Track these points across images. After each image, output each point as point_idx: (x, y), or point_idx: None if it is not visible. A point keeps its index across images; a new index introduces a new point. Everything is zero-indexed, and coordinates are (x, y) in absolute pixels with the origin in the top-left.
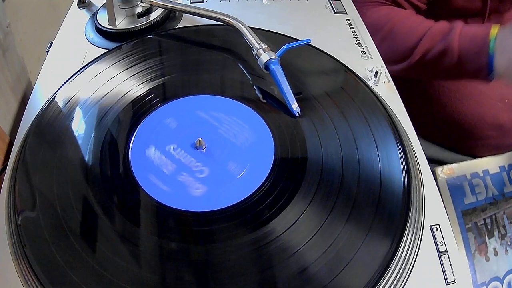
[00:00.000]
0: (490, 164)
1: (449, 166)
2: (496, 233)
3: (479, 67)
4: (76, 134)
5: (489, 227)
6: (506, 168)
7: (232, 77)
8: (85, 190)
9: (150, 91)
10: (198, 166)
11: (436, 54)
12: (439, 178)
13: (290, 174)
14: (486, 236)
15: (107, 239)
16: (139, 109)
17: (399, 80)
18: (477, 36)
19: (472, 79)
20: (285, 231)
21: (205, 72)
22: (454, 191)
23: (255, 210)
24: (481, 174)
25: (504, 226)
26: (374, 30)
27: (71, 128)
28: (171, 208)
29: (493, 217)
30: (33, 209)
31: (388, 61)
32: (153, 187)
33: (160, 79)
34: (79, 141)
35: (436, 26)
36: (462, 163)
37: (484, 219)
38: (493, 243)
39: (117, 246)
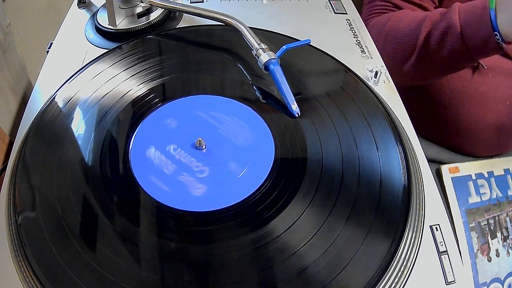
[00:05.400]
0: (495, 166)
1: (455, 164)
2: (498, 234)
3: (485, 35)
4: (76, 134)
5: (492, 227)
6: (511, 171)
7: (232, 77)
8: (85, 190)
9: (150, 91)
10: (199, 166)
11: (439, 34)
12: (444, 176)
13: (290, 174)
14: (489, 237)
15: (107, 239)
16: (139, 109)
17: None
18: (476, 7)
19: (484, 56)
20: (285, 231)
21: (205, 72)
22: (459, 189)
23: (255, 210)
24: (486, 175)
25: (506, 228)
26: (377, 34)
27: (71, 128)
28: (171, 208)
29: (496, 218)
30: (33, 209)
31: (398, 62)
32: (153, 187)
33: (160, 79)
34: (79, 141)
35: (435, 10)
36: (467, 163)
37: (488, 220)
38: (495, 244)
39: (117, 246)
